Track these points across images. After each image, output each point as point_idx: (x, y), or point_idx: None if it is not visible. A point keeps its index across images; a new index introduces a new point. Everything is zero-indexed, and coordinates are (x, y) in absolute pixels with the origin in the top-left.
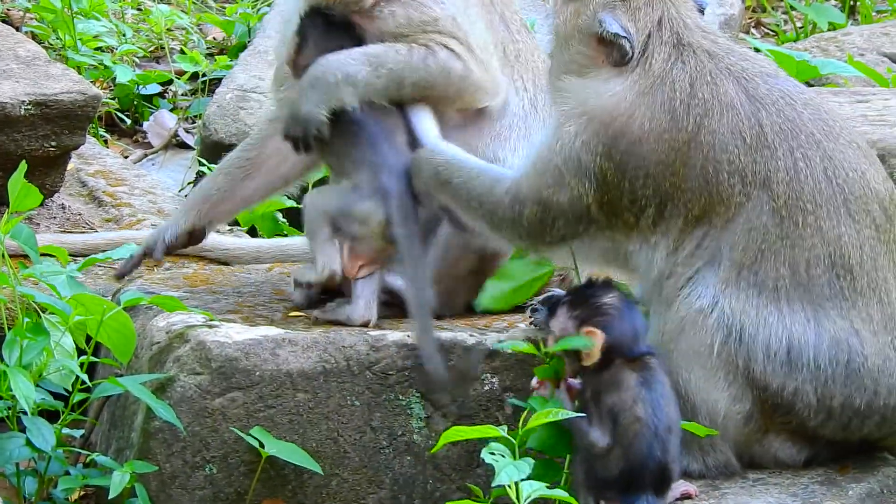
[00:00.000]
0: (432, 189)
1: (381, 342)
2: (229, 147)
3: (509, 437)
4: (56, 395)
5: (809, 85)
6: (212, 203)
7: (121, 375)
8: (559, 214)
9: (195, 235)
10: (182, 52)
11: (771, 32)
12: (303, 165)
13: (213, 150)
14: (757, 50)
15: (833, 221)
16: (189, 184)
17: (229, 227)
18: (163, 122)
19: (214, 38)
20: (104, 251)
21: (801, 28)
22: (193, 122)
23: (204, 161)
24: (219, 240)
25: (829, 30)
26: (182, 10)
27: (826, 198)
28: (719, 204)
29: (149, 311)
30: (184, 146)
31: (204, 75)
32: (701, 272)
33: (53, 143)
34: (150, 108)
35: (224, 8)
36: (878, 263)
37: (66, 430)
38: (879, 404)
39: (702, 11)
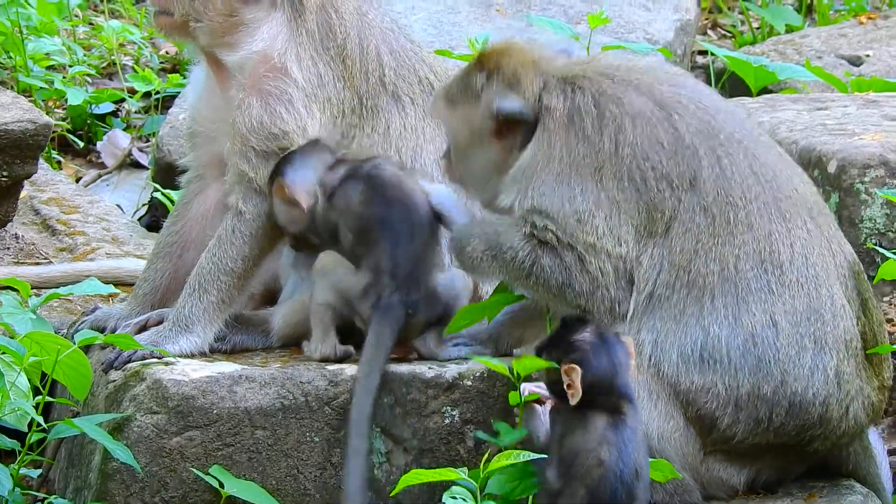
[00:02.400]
0: (483, 265)
1: (340, 377)
2: (184, 170)
3: (470, 479)
4: (12, 433)
5: (767, 90)
6: (161, 292)
7: (77, 413)
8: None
9: (148, 327)
10: (134, 69)
11: (728, 34)
12: None
13: (168, 171)
14: (713, 55)
15: (764, 219)
16: (144, 205)
17: None
18: (116, 141)
19: (167, 53)
20: (60, 283)
21: (757, 29)
22: (147, 141)
23: (158, 185)
24: None
25: (786, 32)
26: (134, 24)
27: (755, 194)
28: (655, 211)
29: (104, 347)
30: (138, 166)
31: (157, 93)
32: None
33: (5, 173)
34: (103, 127)
35: None
36: (810, 260)
37: (23, 471)
38: (786, 392)
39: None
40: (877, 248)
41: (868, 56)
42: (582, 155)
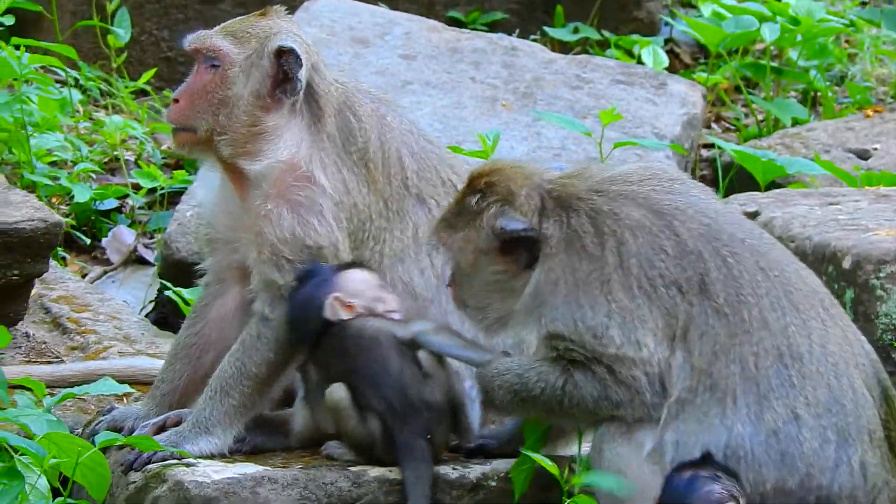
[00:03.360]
0: (517, 409)
1: (362, 478)
2: (192, 265)
3: None
4: None
5: (776, 185)
6: (179, 392)
7: None
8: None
9: (167, 428)
10: (137, 163)
11: (731, 127)
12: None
13: (176, 268)
14: (720, 149)
15: (777, 313)
16: (151, 302)
17: None
18: (122, 238)
19: (169, 148)
20: (73, 382)
21: (762, 122)
22: (152, 238)
23: (167, 283)
24: None
25: (792, 125)
26: (135, 119)
27: (766, 290)
28: (669, 317)
29: (122, 447)
30: (143, 262)
31: (161, 189)
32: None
33: (16, 272)
34: (107, 223)
35: None
36: (828, 350)
37: None
38: (812, 485)
39: None
40: (894, 343)
41: (876, 149)
42: (587, 272)
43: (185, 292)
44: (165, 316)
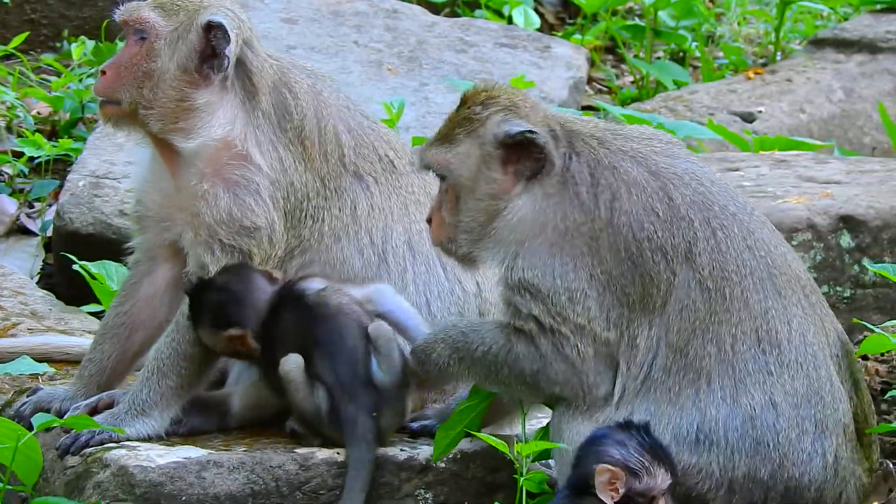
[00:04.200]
0: (451, 368)
1: (311, 461)
2: (87, 237)
3: None
4: None
5: None
6: (108, 373)
7: (26, 500)
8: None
9: (99, 410)
10: (22, 133)
11: (604, 89)
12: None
13: (69, 239)
14: (607, 113)
15: (760, 295)
16: (39, 274)
17: None
18: (3, 207)
19: (39, 114)
20: None
21: (633, 83)
22: (32, 207)
23: (70, 256)
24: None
25: (675, 88)
26: (1, 84)
27: (751, 269)
28: (651, 285)
29: (50, 429)
30: (26, 232)
31: (43, 157)
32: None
33: None
34: None
35: (45, 81)
36: (808, 339)
37: None
38: (784, 476)
39: None
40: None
41: (761, 112)
42: (577, 223)
43: (90, 266)
44: (52, 287)
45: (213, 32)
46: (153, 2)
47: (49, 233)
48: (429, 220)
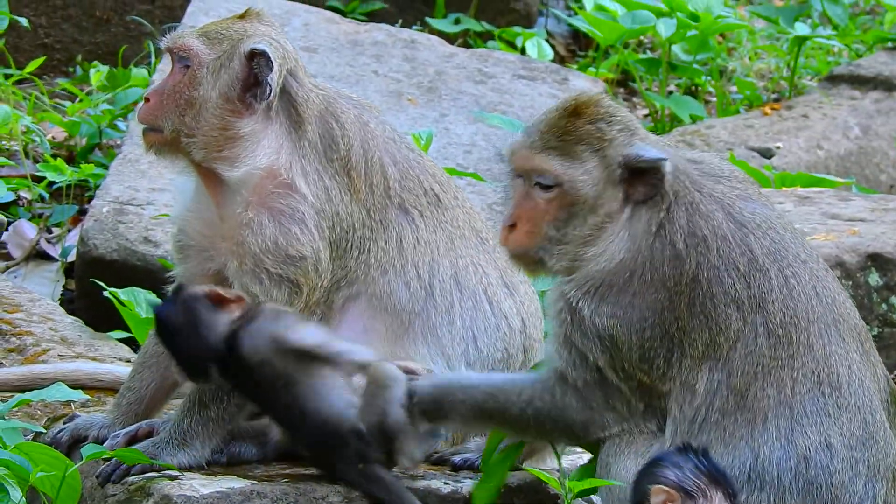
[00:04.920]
0: (471, 425)
1: (353, 493)
2: (111, 263)
3: None
4: None
5: None
6: (146, 402)
7: None
8: (594, 388)
9: (139, 438)
10: (25, 153)
11: None
12: None
13: (94, 265)
14: None
15: (823, 340)
16: (59, 299)
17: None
18: (23, 232)
19: (54, 138)
20: (17, 387)
21: (647, 116)
22: (51, 232)
23: (93, 280)
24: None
25: (690, 123)
26: (16, 109)
27: (818, 315)
28: (719, 335)
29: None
30: (45, 257)
31: (63, 183)
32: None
33: None
34: (6, 215)
35: (59, 106)
36: (866, 384)
37: None
38: None
39: None
40: None
41: (779, 148)
42: (666, 277)
43: (119, 292)
44: (73, 312)
45: (256, 60)
46: (199, 30)
47: (70, 258)
48: (510, 226)
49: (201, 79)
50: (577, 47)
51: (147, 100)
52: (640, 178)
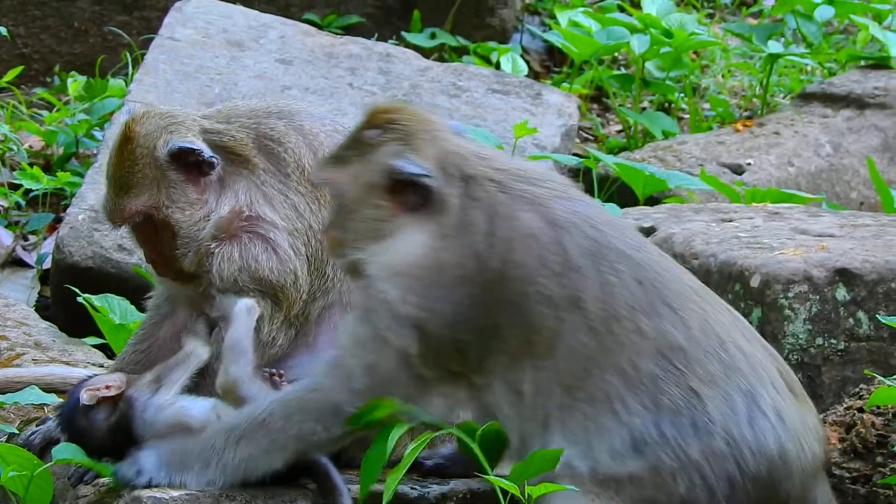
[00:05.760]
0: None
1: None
2: (86, 270)
3: None
4: None
5: (653, 199)
6: None
7: None
8: (390, 381)
9: None
10: (22, 166)
11: (590, 137)
12: None
13: (69, 272)
14: (597, 160)
15: (654, 321)
16: (35, 306)
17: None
18: None
19: (31, 147)
20: None
21: (620, 132)
22: (27, 239)
23: (75, 290)
24: None
25: (663, 138)
26: None
27: (642, 303)
28: (534, 334)
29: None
30: (21, 264)
31: (38, 190)
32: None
33: None
34: None
35: (36, 115)
36: (709, 328)
37: None
38: (736, 441)
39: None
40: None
41: (749, 164)
42: (473, 273)
43: (93, 299)
44: (48, 318)
45: (184, 157)
46: None
47: (45, 265)
48: (325, 234)
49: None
50: (551, 63)
51: None
52: (409, 188)
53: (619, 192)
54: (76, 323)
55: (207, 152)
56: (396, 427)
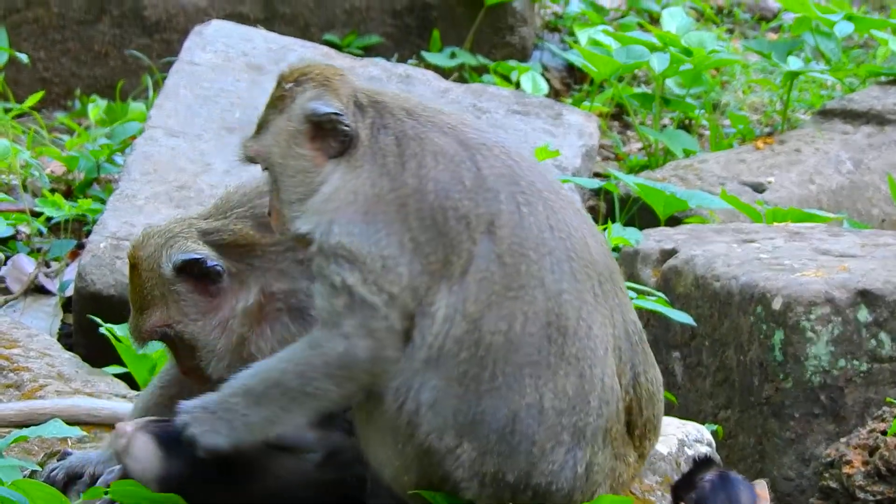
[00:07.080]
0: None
1: None
2: (108, 298)
3: None
4: None
5: (674, 219)
6: None
7: None
8: (371, 316)
9: None
10: (24, 188)
11: (611, 155)
12: None
13: (91, 301)
14: (617, 180)
15: (556, 275)
16: (58, 334)
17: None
18: (21, 266)
19: (53, 172)
20: (15, 423)
21: (641, 150)
22: (49, 266)
23: (89, 315)
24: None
25: (684, 157)
26: (15, 143)
27: (550, 248)
28: (451, 253)
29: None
30: (44, 291)
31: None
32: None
33: None
34: (4, 250)
35: (58, 140)
36: (592, 332)
37: None
38: (530, 483)
39: None
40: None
41: (770, 182)
42: (386, 189)
43: (116, 328)
44: (70, 347)
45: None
46: None
47: (68, 292)
48: (269, 214)
49: None
50: (571, 81)
51: None
52: (329, 132)
53: (640, 212)
54: (99, 352)
55: (211, 261)
56: None
